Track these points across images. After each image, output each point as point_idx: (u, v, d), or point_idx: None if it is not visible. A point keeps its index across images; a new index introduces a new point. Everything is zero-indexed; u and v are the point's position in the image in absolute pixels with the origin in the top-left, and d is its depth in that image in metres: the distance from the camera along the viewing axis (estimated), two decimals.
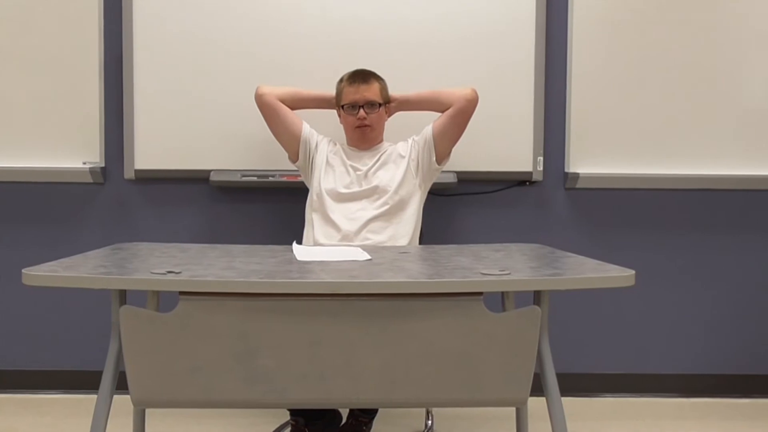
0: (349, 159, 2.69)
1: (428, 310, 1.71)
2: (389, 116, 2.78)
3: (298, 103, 2.77)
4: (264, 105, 2.72)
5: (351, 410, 2.63)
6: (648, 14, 3.10)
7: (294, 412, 2.56)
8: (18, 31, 3.05)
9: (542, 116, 3.10)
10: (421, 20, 3.04)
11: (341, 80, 2.72)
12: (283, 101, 2.72)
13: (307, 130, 2.74)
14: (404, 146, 2.72)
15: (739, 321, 3.24)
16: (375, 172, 2.64)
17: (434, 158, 2.67)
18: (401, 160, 2.68)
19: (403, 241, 2.57)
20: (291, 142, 2.74)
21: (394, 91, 2.77)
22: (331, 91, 2.76)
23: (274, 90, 2.73)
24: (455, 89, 2.70)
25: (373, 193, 2.60)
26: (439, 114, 2.71)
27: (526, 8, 3.06)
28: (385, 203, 2.58)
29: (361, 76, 2.67)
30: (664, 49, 3.11)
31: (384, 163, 2.67)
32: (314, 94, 2.79)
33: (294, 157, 2.75)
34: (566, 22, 3.13)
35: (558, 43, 3.14)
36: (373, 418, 2.62)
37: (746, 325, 3.24)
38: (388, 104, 2.74)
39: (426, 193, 2.75)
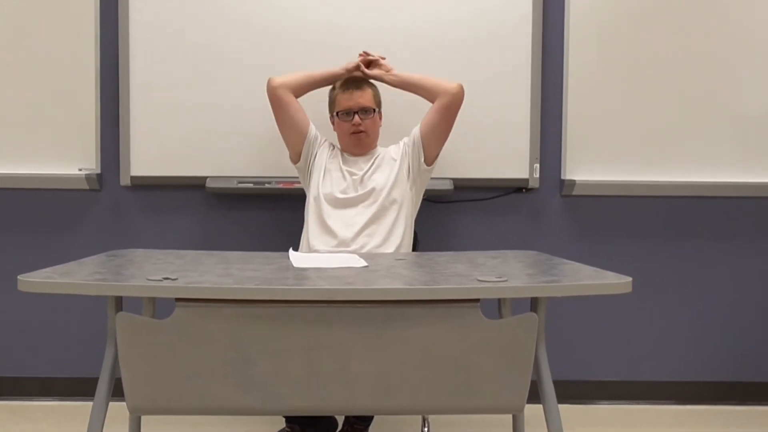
0: (345, 164, 2.69)
1: (425, 317, 1.71)
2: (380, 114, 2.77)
3: (310, 86, 2.75)
4: (275, 98, 2.70)
5: (346, 417, 2.62)
6: (644, 21, 3.11)
7: (290, 419, 2.55)
8: (14, 37, 3.05)
9: (539, 123, 3.10)
10: (418, 26, 3.05)
11: (333, 87, 2.73)
12: (297, 89, 2.70)
13: (313, 131, 2.73)
14: (396, 149, 2.73)
15: (735, 328, 3.24)
16: (371, 176, 2.64)
17: (422, 159, 2.68)
18: (393, 162, 2.68)
19: (395, 243, 2.57)
20: (296, 141, 2.72)
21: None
22: (335, 69, 2.75)
23: (286, 81, 2.69)
24: (443, 80, 2.69)
25: (369, 197, 2.60)
26: (426, 113, 2.70)
27: (523, 14, 3.07)
28: (378, 205, 2.58)
29: (355, 83, 2.68)
30: (661, 55, 3.12)
31: (378, 167, 2.67)
32: (324, 73, 2.76)
33: (295, 157, 2.75)
34: (562, 28, 3.14)
35: (554, 49, 3.15)
36: (368, 425, 2.62)
37: (742, 332, 3.24)
38: (380, 110, 2.74)
39: (419, 197, 2.75)
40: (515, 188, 3.16)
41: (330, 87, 2.75)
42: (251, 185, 3.02)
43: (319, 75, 2.76)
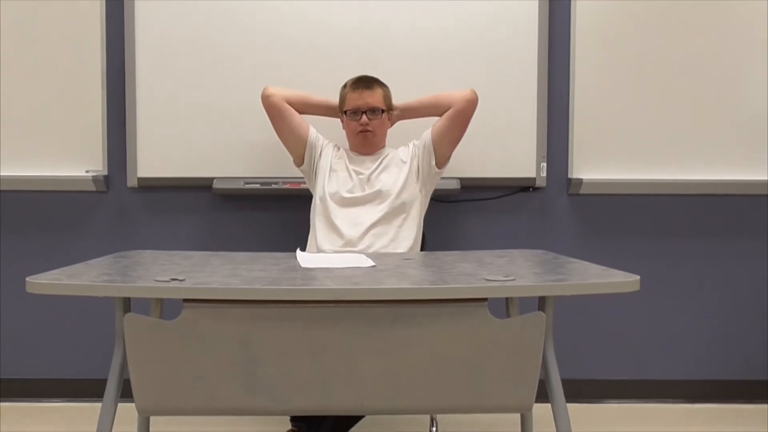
0: (351, 163, 2.69)
1: (432, 317, 1.70)
2: (392, 125, 2.78)
3: (304, 107, 2.77)
4: (270, 106, 2.72)
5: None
6: (650, 20, 3.10)
7: (296, 419, 2.55)
8: (21, 40, 3.06)
9: (545, 122, 3.10)
10: (424, 28, 3.05)
11: (345, 86, 2.72)
12: (289, 103, 2.72)
13: (313, 134, 2.74)
14: (405, 151, 2.73)
15: (744, 326, 3.23)
16: (377, 176, 2.64)
17: (434, 162, 2.68)
18: (403, 164, 2.68)
19: (405, 245, 2.57)
20: (296, 146, 2.74)
21: (397, 98, 2.78)
22: (336, 100, 2.76)
23: (281, 91, 2.73)
24: (454, 92, 2.70)
25: (376, 197, 2.60)
26: (439, 118, 2.71)
27: (529, 15, 3.06)
28: (387, 207, 2.58)
29: (365, 82, 2.67)
30: (667, 54, 3.11)
31: (386, 167, 2.67)
32: (321, 101, 2.78)
33: (299, 161, 2.76)
34: (569, 28, 3.13)
35: (560, 49, 3.15)
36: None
37: (751, 330, 3.23)
38: (390, 111, 2.74)
39: (428, 198, 2.75)
40: (522, 187, 3.16)
41: (342, 84, 2.75)
42: (258, 186, 3.02)
43: (316, 101, 2.78)
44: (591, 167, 3.14)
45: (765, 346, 3.24)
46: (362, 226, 2.55)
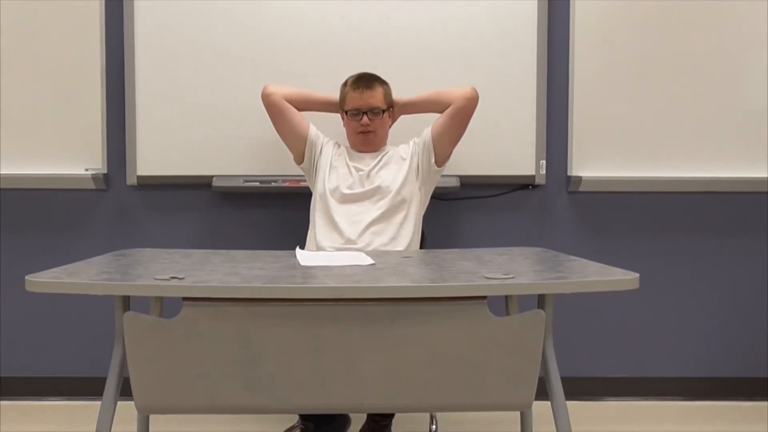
0: (351, 160, 2.69)
1: (432, 315, 1.70)
2: (393, 121, 2.78)
3: (304, 104, 2.77)
4: (270, 105, 2.72)
5: (369, 414, 2.61)
6: (649, 19, 3.10)
7: (304, 417, 2.55)
8: (20, 38, 3.05)
9: (545, 120, 3.10)
10: (424, 26, 3.04)
11: (345, 83, 2.72)
12: (290, 101, 2.72)
13: (313, 132, 2.74)
14: (405, 148, 2.73)
15: (743, 324, 3.23)
16: (377, 173, 2.64)
17: (433, 160, 2.67)
18: (403, 162, 2.68)
19: (404, 243, 2.57)
20: (296, 144, 2.74)
21: (397, 96, 2.78)
22: (337, 96, 2.76)
23: (280, 90, 2.73)
24: (455, 89, 2.70)
25: (375, 193, 2.60)
26: (439, 116, 2.71)
27: (528, 13, 3.06)
28: (387, 204, 2.58)
29: (365, 82, 2.67)
30: (666, 52, 3.11)
31: (386, 164, 2.67)
32: (321, 98, 2.79)
33: (299, 159, 2.76)
34: (568, 26, 3.13)
35: (560, 46, 3.15)
36: (391, 420, 2.61)
37: (750, 327, 3.23)
38: (391, 108, 2.74)
39: (428, 197, 2.75)
40: (522, 185, 3.16)
41: (342, 82, 2.75)
42: (257, 184, 3.02)
43: (316, 97, 2.79)
44: (590, 165, 3.14)
45: (764, 344, 3.24)
46: (361, 223, 2.55)
